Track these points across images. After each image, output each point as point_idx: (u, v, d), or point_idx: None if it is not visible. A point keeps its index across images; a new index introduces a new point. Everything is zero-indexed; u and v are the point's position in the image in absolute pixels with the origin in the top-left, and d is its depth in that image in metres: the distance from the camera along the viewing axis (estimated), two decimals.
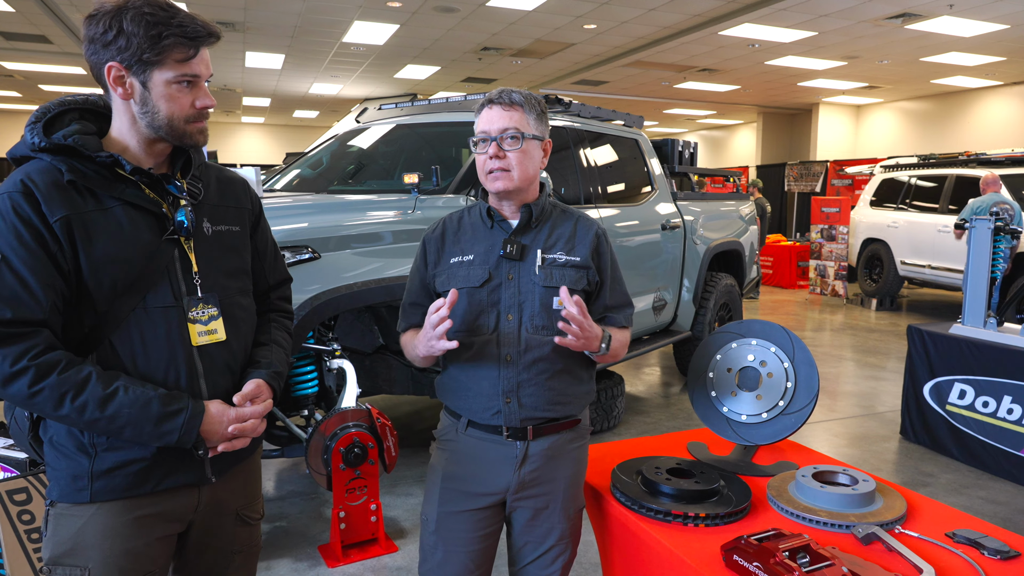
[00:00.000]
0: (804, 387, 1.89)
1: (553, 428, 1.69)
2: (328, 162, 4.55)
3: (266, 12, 9.03)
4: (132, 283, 1.31)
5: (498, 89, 1.69)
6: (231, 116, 19.98)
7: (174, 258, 1.37)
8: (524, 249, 1.67)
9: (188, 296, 1.38)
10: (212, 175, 1.52)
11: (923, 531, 1.54)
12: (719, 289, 5.60)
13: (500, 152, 1.63)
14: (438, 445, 1.78)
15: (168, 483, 1.37)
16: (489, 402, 1.65)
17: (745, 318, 7.31)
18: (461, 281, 1.66)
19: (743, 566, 1.34)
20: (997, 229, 4.12)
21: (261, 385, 1.44)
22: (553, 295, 1.64)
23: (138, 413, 1.26)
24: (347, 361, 3.12)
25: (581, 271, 1.69)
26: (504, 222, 1.71)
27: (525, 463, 1.67)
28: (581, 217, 1.78)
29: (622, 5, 8.75)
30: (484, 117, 1.66)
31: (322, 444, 2.82)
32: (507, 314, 1.65)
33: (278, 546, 3.05)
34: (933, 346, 4.26)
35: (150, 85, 1.30)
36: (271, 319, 1.61)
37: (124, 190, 1.32)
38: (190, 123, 1.35)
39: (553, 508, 1.71)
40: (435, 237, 1.75)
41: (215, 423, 1.34)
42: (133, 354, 1.32)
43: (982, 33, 9.66)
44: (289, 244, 2.94)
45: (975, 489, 3.77)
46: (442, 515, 1.71)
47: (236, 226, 1.52)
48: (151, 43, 1.26)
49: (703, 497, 1.64)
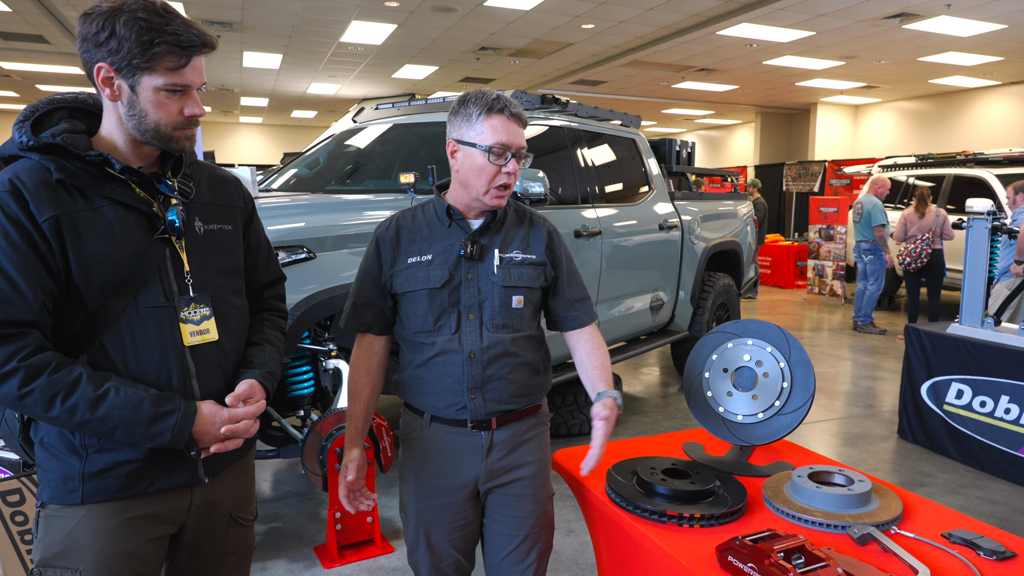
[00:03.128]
0: (800, 387, 1.88)
1: (515, 416, 1.74)
2: (325, 162, 4.54)
3: (264, 12, 9.01)
4: (122, 283, 1.29)
5: (500, 97, 1.65)
6: (229, 116, 19.95)
7: (165, 257, 1.36)
8: (483, 249, 1.69)
9: (180, 296, 1.36)
10: (204, 174, 1.50)
11: (919, 531, 1.53)
12: (717, 289, 5.59)
13: (517, 168, 1.65)
14: (404, 444, 1.80)
15: (160, 484, 1.36)
16: (454, 398, 1.68)
17: (743, 318, 7.31)
18: (421, 282, 1.67)
19: (738, 567, 1.33)
20: (994, 229, 4.12)
21: (254, 385, 1.43)
22: (512, 294, 1.68)
23: (129, 414, 1.24)
24: (343, 361, 3.11)
25: (538, 268, 1.73)
26: (463, 221, 1.71)
27: (491, 452, 1.71)
28: (532, 215, 1.80)
29: (620, 5, 8.74)
30: (502, 127, 1.63)
31: (318, 444, 2.81)
32: (468, 313, 1.67)
33: (274, 547, 3.04)
34: (931, 346, 4.26)
35: (138, 90, 1.28)
36: (264, 318, 1.60)
37: (114, 189, 1.31)
38: (177, 130, 1.33)
39: (524, 495, 1.75)
40: (389, 236, 1.73)
41: (208, 424, 1.33)
42: (124, 355, 1.30)
43: (980, 33, 9.66)
44: (285, 244, 2.93)
45: (973, 489, 3.77)
46: (420, 510, 1.75)
47: (228, 225, 1.50)
48: (142, 49, 1.24)
49: (698, 498, 1.63)
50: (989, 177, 8.36)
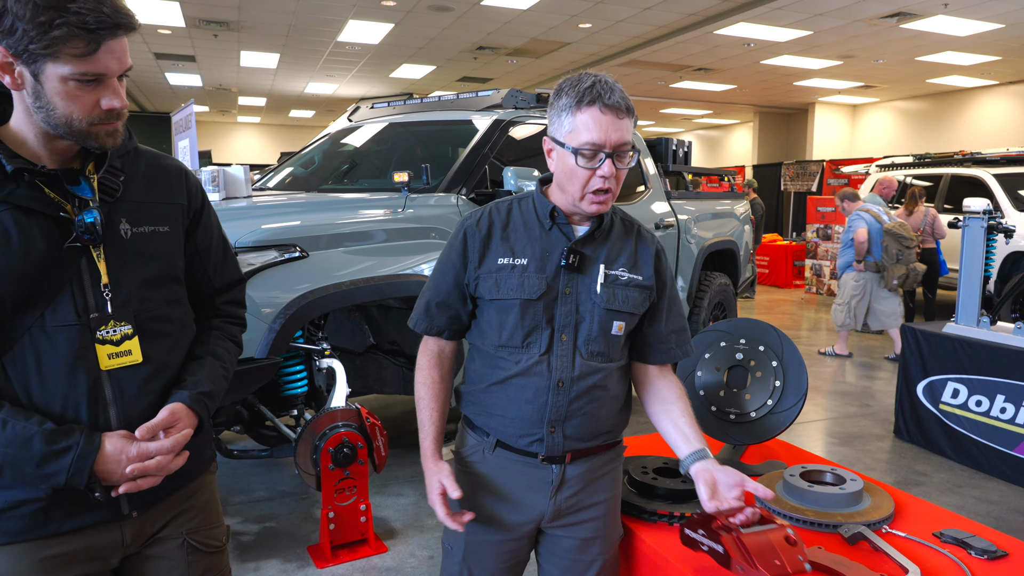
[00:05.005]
0: (793, 386, 1.87)
1: (592, 450, 1.53)
2: (320, 161, 4.54)
3: (260, 11, 9.00)
4: (25, 299, 1.11)
5: (596, 81, 1.41)
6: (227, 116, 19.95)
7: (80, 268, 1.16)
8: (586, 261, 1.46)
9: (96, 312, 1.17)
10: (141, 164, 1.28)
11: (911, 531, 1.53)
12: (713, 288, 5.58)
13: (613, 170, 1.39)
14: (460, 466, 1.57)
15: (73, 524, 1.18)
16: (530, 428, 1.46)
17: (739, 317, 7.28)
18: (514, 290, 1.44)
19: (692, 538, 1.37)
20: (990, 228, 4.11)
21: (177, 411, 1.22)
22: (614, 319, 1.46)
23: (16, 453, 1.08)
24: (337, 361, 3.10)
25: (644, 292, 1.50)
26: (567, 226, 1.48)
27: (562, 488, 1.49)
28: (640, 228, 1.56)
29: (617, 4, 8.74)
30: (594, 122, 1.38)
31: (311, 444, 2.80)
32: (561, 334, 1.44)
33: (267, 547, 3.03)
34: (927, 345, 4.26)
35: (42, 79, 1.07)
36: (213, 326, 1.41)
37: (13, 191, 1.11)
38: (95, 125, 1.13)
39: (592, 538, 1.53)
40: (480, 230, 1.48)
41: (111, 462, 1.14)
42: (27, 381, 1.12)
43: (977, 32, 9.67)
44: (277, 242, 2.92)
45: (968, 488, 3.76)
46: (470, 544, 1.53)
47: (164, 226, 1.29)
48: (39, 32, 1.03)
49: (689, 497, 1.63)
50: (987, 177, 8.36)
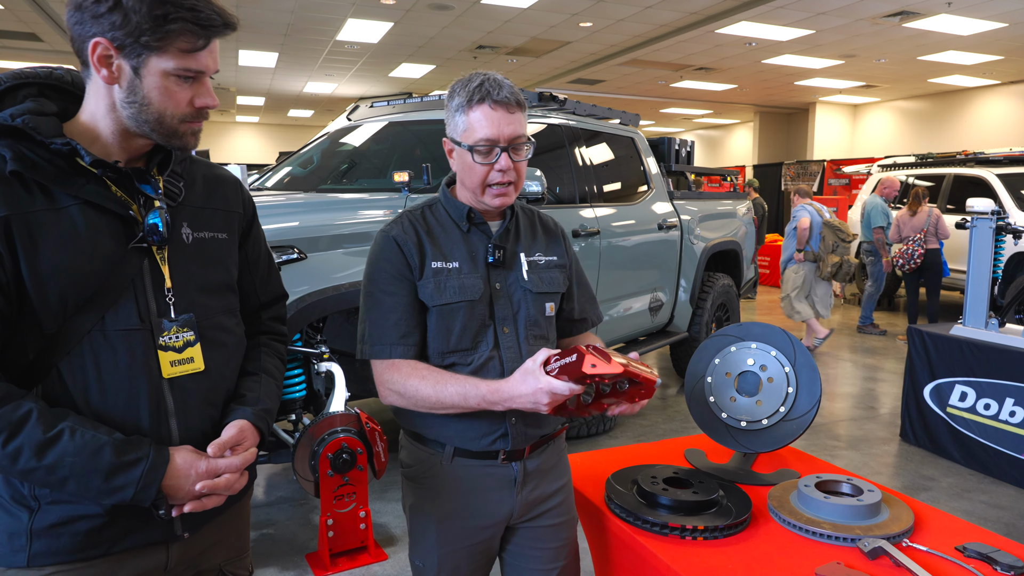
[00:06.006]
0: (806, 392, 1.81)
1: (543, 440, 1.58)
2: (319, 160, 4.48)
3: (259, 10, 8.94)
4: (87, 300, 1.07)
5: (484, 79, 1.44)
6: (225, 115, 19.87)
7: (143, 270, 1.13)
8: (509, 254, 1.53)
9: (159, 317, 1.14)
10: (198, 172, 1.28)
11: (932, 544, 1.47)
12: (716, 289, 5.53)
13: (510, 163, 1.44)
14: (413, 484, 1.56)
15: (125, 544, 1.13)
16: (491, 427, 1.47)
17: (742, 318, 7.26)
18: (457, 293, 1.45)
19: None
20: (999, 229, 4.06)
21: (245, 429, 1.20)
22: (545, 301, 1.54)
23: (85, 463, 1.02)
24: (336, 364, 3.04)
25: (562, 271, 1.61)
26: (484, 225, 1.53)
27: (526, 483, 1.53)
28: (538, 213, 1.67)
29: (618, 3, 8.68)
30: (486, 119, 1.42)
31: (310, 449, 2.74)
32: (503, 327, 1.49)
33: (265, 554, 2.97)
34: (934, 347, 4.20)
35: (143, 72, 1.07)
36: (261, 343, 1.37)
37: (84, 186, 1.08)
38: (184, 123, 1.12)
39: (556, 525, 1.60)
40: (409, 236, 1.48)
41: (180, 477, 1.09)
42: (86, 388, 1.08)
43: (980, 32, 9.62)
44: (274, 244, 2.87)
45: (977, 493, 3.71)
46: (445, 556, 1.52)
47: (223, 233, 1.27)
48: (155, 24, 1.03)
49: (701, 508, 1.57)
50: (989, 176, 8.30)
